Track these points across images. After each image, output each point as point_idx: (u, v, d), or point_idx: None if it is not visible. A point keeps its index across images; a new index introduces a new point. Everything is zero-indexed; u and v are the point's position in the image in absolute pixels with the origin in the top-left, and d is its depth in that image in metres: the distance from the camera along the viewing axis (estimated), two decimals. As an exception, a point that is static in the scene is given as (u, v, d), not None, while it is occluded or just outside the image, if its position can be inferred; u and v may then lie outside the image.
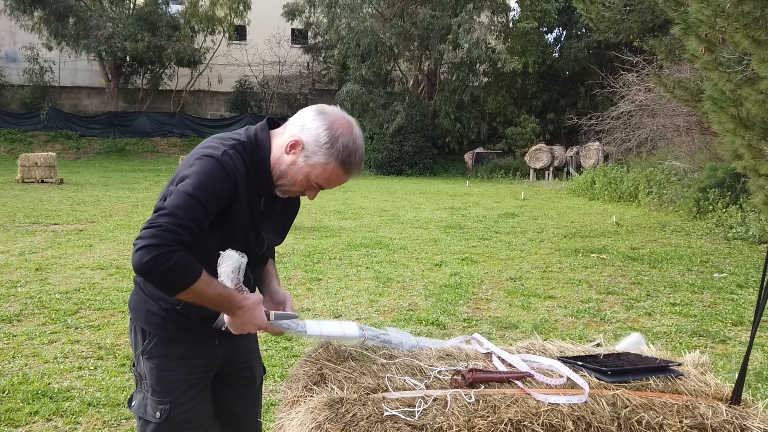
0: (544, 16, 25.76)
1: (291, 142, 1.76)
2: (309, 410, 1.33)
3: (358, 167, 1.78)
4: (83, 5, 29.18)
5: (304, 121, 1.77)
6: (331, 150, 1.72)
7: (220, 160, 1.72)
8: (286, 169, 1.78)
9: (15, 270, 6.98)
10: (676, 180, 14.02)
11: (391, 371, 1.53)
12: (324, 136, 1.72)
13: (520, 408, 1.33)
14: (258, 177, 1.80)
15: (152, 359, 1.89)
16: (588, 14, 14.41)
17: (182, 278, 1.63)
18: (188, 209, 1.64)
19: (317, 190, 1.81)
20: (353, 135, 1.75)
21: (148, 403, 1.90)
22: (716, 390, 1.49)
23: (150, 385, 1.90)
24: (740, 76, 7.31)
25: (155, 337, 1.89)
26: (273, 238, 1.97)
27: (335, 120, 1.75)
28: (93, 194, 15.27)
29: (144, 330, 1.92)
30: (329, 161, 1.73)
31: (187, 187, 1.67)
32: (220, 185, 1.70)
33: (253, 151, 1.81)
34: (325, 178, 1.76)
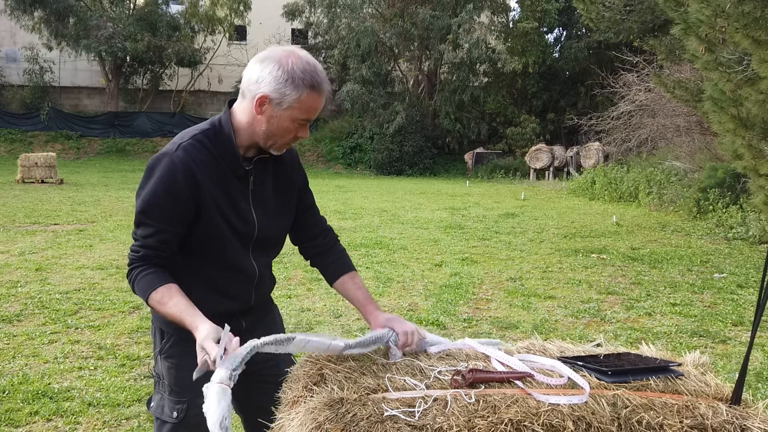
0: (544, 16, 25.77)
1: (257, 101, 1.73)
2: (309, 410, 1.33)
3: (326, 82, 1.75)
4: (83, 5, 29.19)
5: (255, 75, 1.74)
6: (294, 83, 1.69)
7: (172, 158, 1.74)
8: (268, 127, 1.76)
9: (15, 270, 6.98)
10: (677, 180, 14.02)
11: (391, 371, 1.53)
12: (281, 75, 1.69)
13: (521, 408, 1.32)
14: (227, 160, 1.78)
15: (170, 359, 1.90)
16: (588, 14, 14.41)
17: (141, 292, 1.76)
18: (144, 228, 1.77)
19: (305, 126, 1.78)
20: (301, 58, 1.73)
21: (165, 404, 1.90)
22: (716, 390, 1.49)
23: (168, 385, 1.90)
24: (740, 76, 7.31)
25: (173, 336, 1.90)
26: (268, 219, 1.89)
27: (280, 55, 1.72)
28: (93, 194, 15.27)
29: (162, 330, 1.93)
30: (300, 93, 1.70)
31: (142, 203, 1.76)
32: (174, 186, 1.72)
33: (217, 136, 1.80)
34: (305, 109, 1.73)
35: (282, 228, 1.97)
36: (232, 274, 1.86)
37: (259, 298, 1.98)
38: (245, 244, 1.86)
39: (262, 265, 1.94)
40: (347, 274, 2.00)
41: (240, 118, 1.80)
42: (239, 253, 1.85)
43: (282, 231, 1.98)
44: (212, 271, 1.85)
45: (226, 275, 1.85)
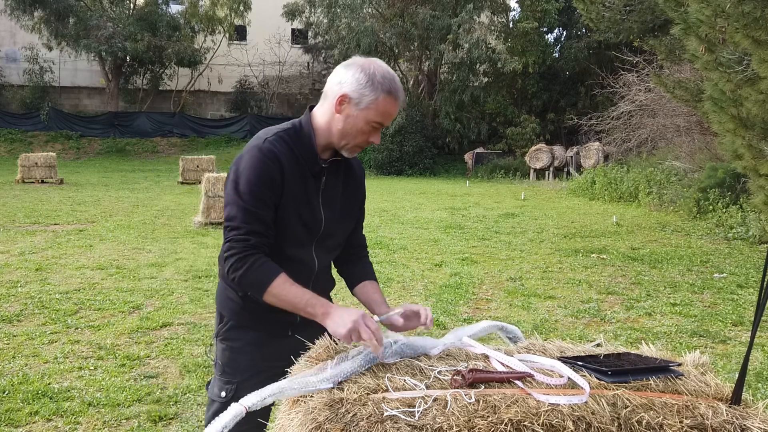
0: (544, 16, 25.76)
1: (337, 100, 1.86)
2: (309, 410, 1.33)
3: (402, 91, 1.88)
4: (83, 5, 29.19)
5: (338, 78, 1.87)
6: (374, 86, 1.82)
7: (261, 149, 1.86)
8: (344, 126, 1.88)
9: (15, 270, 6.98)
10: (677, 180, 14.02)
11: (391, 371, 1.53)
12: (362, 78, 1.82)
13: (521, 408, 1.32)
14: (305, 157, 1.91)
15: (225, 341, 2.01)
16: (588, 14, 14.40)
17: (257, 283, 1.79)
18: (246, 215, 1.82)
19: (379, 130, 1.90)
20: (383, 66, 1.86)
21: (216, 384, 2.01)
22: (716, 390, 1.49)
23: (221, 366, 2.00)
24: (740, 76, 7.31)
25: (230, 321, 2.00)
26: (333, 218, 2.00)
27: (363, 62, 1.87)
28: (93, 194, 15.27)
29: (221, 314, 2.04)
30: (378, 96, 1.82)
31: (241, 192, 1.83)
32: (267, 173, 1.84)
33: (297, 135, 1.93)
34: (381, 112, 1.85)
35: (345, 229, 2.09)
36: (294, 264, 1.94)
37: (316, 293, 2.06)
38: (310, 239, 1.97)
39: (323, 263, 2.05)
40: (367, 281, 2.11)
41: (319, 119, 1.93)
42: (303, 246, 1.97)
43: (344, 232, 2.10)
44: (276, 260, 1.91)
45: (287, 265, 1.92)
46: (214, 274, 6.99)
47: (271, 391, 1.42)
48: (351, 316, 1.66)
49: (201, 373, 4.09)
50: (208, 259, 7.79)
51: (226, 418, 1.41)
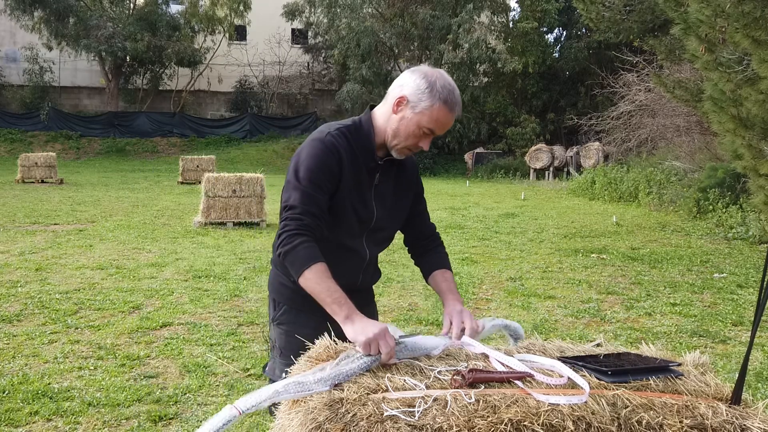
0: (544, 16, 25.77)
1: (396, 101, 1.94)
2: (309, 410, 1.33)
3: (459, 105, 1.94)
4: (83, 5, 29.20)
5: (402, 81, 1.96)
6: (432, 93, 1.89)
7: (324, 140, 1.97)
8: (398, 126, 1.96)
9: (15, 270, 6.98)
10: (676, 180, 14.02)
11: (391, 371, 1.53)
12: (423, 84, 1.90)
13: (520, 408, 1.32)
14: (363, 153, 2.01)
15: (281, 325, 2.12)
16: (588, 14, 14.40)
17: (298, 262, 1.83)
18: (303, 197, 1.90)
19: (429, 137, 1.97)
20: (446, 78, 1.93)
21: (276, 366, 2.09)
22: (716, 390, 1.49)
23: (279, 348, 2.10)
24: (740, 76, 7.31)
25: (284, 305, 2.12)
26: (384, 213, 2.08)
27: (428, 70, 1.94)
28: (93, 194, 15.27)
29: (275, 300, 2.15)
30: (434, 103, 1.89)
31: (300, 177, 1.93)
32: (327, 162, 1.94)
33: (357, 131, 2.03)
34: (434, 119, 1.92)
35: (395, 223, 2.17)
36: (347, 252, 2.06)
37: (365, 282, 2.20)
38: (362, 229, 2.06)
39: (373, 253, 2.15)
40: (439, 270, 2.18)
41: (378, 118, 2.03)
42: (355, 236, 2.07)
43: (394, 226, 2.19)
44: (329, 248, 1.98)
45: (340, 252, 2.03)
46: (214, 274, 6.99)
47: (268, 395, 1.42)
48: (374, 329, 1.65)
49: (201, 373, 4.10)
50: (208, 259, 7.79)
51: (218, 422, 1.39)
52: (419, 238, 2.27)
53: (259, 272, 7.09)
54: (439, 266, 2.19)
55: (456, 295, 2.07)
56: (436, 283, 2.16)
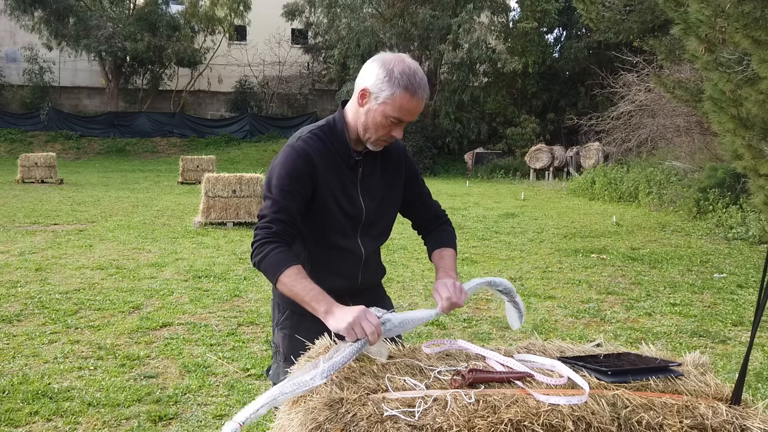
0: (544, 16, 25.77)
1: (360, 93, 1.93)
2: (309, 410, 1.33)
3: (422, 89, 1.89)
4: (83, 5, 29.20)
5: (364, 72, 1.93)
6: (391, 81, 1.86)
7: (294, 146, 1.98)
8: (366, 120, 1.94)
9: (15, 270, 6.98)
10: (676, 180, 14.02)
11: (391, 371, 1.53)
12: (381, 73, 1.87)
13: (520, 408, 1.32)
14: (339, 151, 1.99)
15: (284, 329, 2.12)
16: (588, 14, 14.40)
17: (270, 269, 1.85)
18: (273, 204, 1.92)
19: (400, 125, 1.94)
20: (406, 63, 1.88)
21: (280, 370, 2.09)
22: (716, 390, 1.49)
23: (282, 353, 2.10)
24: (740, 76, 7.30)
25: (287, 310, 2.11)
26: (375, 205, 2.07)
27: (386, 58, 1.91)
28: (93, 194, 15.27)
29: (279, 304, 2.15)
30: (394, 91, 1.86)
31: (271, 186, 1.95)
32: (297, 168, 1.94)
33: (331, 130, 2.02)
34: (398, 108, 1.88)
35: (388, 215, 2.14)
36: (341, 253, 2.05)
37: (366, 281, 2.15)
38: (354, 227, 2.05)
39: (369, 250, 2.12)
40: (438, 249, 2.16)
41: (349, 113, 2.01)
42: (348, 235, 2.05)
43: (387, 218, 2.15)
44: (323, 250, 2.03)
45: (335, 254, 2.04)
46: (214, 274, 6.99)
47: (265, 401, 1.42)
48: (352, 313, 1.66)
49: (201, 373, 4.10)
50: (208, 259, 7.79)
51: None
52: (424, 219, 2.25)
53: (259, 272, 7.08)
54: (439, 245, 2.18)
55: (446, 271, 2.04)
56: (434, 262, 2.14)
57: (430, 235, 2.23)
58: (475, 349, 1.71)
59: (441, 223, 2.26)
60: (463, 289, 1.90)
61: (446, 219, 2.28)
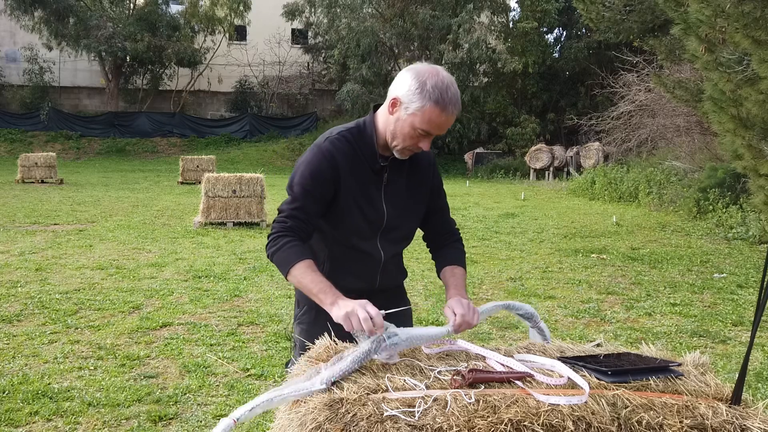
0: (544, 16, 25.77)
1: (391, 102, 1.94)
2: (309, 410, 1.33)
3: (453, 104, 1.88)
4: (83, 5, 29.20)
5: (398, 81, 1.94)
6: (422, 93, 1.86)
7: (320, 147, 2.00)
8: (394, 128, 1.95)
9: (15, 270, 6.98)
10: (676, 180, 14.02)
11: (391, 371, 1.53)
12: (414, 84, 1.87)
13: (520, 408, 1.32)
14: (366, 155, 2.01)
15: (302, 324, 2.16)
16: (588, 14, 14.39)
17: (283, 262, 1.90)
18: (292, 201, 1.98)
19: (427, 137, 1.94)
20: (440, 76, 1.88)
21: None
22: (716, 390, 1.49)
23: (300, 347, 2.09)
24: (740, 76, 7.30)
25: (305, 305, 2.14)
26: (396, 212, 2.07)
27: (421, 69, 1.90)
28: (93, 194, 15.27)
29: (298, 300, 2.19)
30: (424, 104, 1.86)
31: (294, 183, 2.00)
32: (320, 170, 1.97)
33: (360, 133, 2.03)
34: (426, 120, 1.88)
35: (410, 222, 2.15)
36: (360, 255, 2.07)
37: (384, 283, 2.16)
38: (374, 231, 2.06)
39: (389, 254, 2.13)
40: (449, 266, 2.14)
41: (379, 119, 2.02)
42: (367, 238, 2.07)
43: (410, 225, 2.16)
44: (343, 250, 2.06)
45: (354, 255, 2.06)
46: (214, 274, 6.99)
47: (261, 401, 1.42)
48: (352, 303, 1.70)
49: (201, 373, 4.09)
50: (208, 259, 7.79)
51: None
52: (438, 233, 2.25)
53: (259, 272, 7.09)
54: (450, 262, 2.16)
55: (459, 289, 2.03)
56: (445, 279, 2.13)
57: (441, 251, 2.22)
58: (475, 349, 1.71)
59: (454, 240, 2.24)
60: (476, 310, 1.90)
61: (459, 237, 2.27)
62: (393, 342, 1.61)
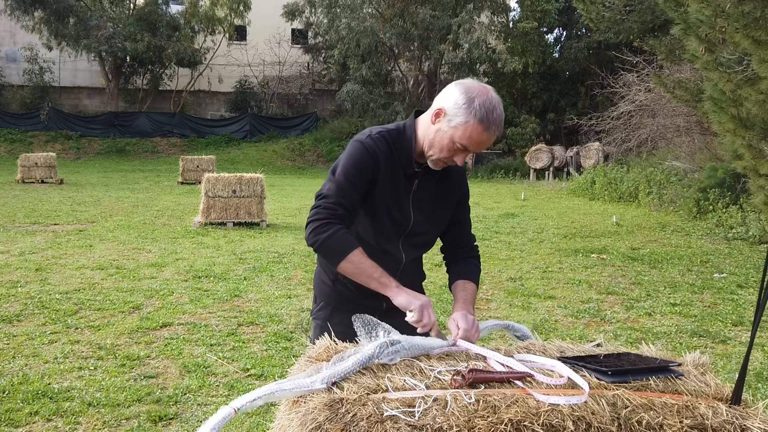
0: (544, 16, 25.77)
1: (435, 112, 1.96)
2: (309, 410, 1.33)
3: (497, 125, 1.91)
4: (83, 5, 29.19)
5: (446, 93, 1.97)
6: (469, 109, 1.89)
7: (363, 142, 2.02)
8: (433, 138, 1.97)
9: (15, 270, 6.98)
10: (677, 180, 14.02)
11: (391, 371, 1.53)
12: (461, 99, 1.91)
13: (520, 408, 1.32)
14: (402, 158, 2.03)
15: (317, 320, 2.20)
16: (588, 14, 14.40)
17: (338, 248, 1.91)
18: (338, 189, 1.97)
19: (464, 153, 1.97)
20: (489, 96, 1.92)
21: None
22: (716, 390, 1.49)
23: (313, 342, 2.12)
24: (740, 76, 7.31)
25: (322, 301, 2.20)
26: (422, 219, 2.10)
27: (471, 85, 1.94)
28: (93, 194, 15.27)
29: (315, 296, 2.24)
30: (468, 120, 1.89)
31: (336, 172, 2.00)
32: (363, 163, 1.98)
33: (399, 136, 2.05)
34: (467, 137, 1.91)
35: (433, 230, 2.17)
36: (381, 254, 2.06)
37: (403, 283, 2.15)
38: (398, 234, 2.09)
39: (409, 257, 2.16)
40: (461, 280, 2.16)
41: (420, 126, 2.05)
42: (390, 240, 2.10)
43: (433, 232, 2.18)
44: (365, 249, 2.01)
45: (375, 254, 2.03)
46: (214, 274, 6.99)
47: (262, 393, 1.42)
48: (424, 298, 1.86)
49: (201, 373, 4.10)
50: (208, 260, 7.79)
51: (216, 420, 1.41)
52: (456, 246, 2.25)
53: (259, 272, 7.08)
54: (463, 276, 2.17)
55: (466, 305, 2.04)
56: (455, 292, 2.15)
57: (457, 264, 2.23)
58: (475, 349, 1.71)
59: (471, 255, 2.25)
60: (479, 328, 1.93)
61: (477, 254, 2.27)
62: (395, 349, 1.62)
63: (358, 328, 1.71)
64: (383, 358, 1.58)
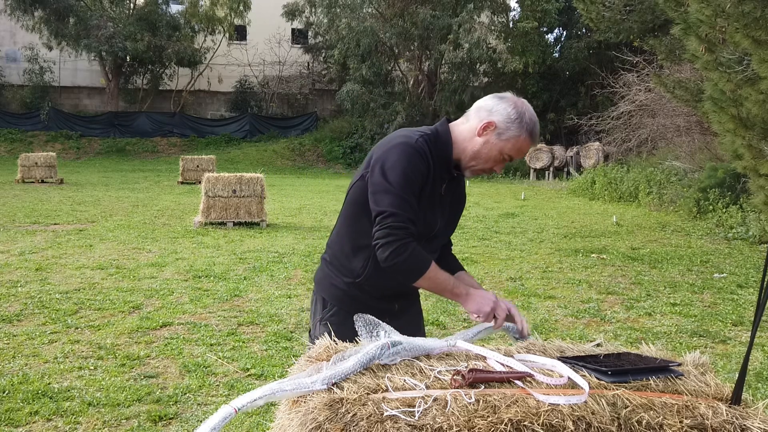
0: (544, 16, 25.77)
1: (483, 125, 2.02)
2: (309, 410, 1.33)
3: (538, 137, 2.08)
4: (83, 5, 29.19)
5: (490, 106, 2.04)
6: (521, 124, 2.00)
7: (414, 145, 2.01)
8: (480, 149, 2.04)
9: (15, 270, 6.98)
10: (677, 180, 14.02)
11: (391, 371, 1.53)
12: (513, 114, 2.00)
13: (520, 408, 1.32)
14: (440, 164, 2.06)
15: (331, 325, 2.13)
16: (588, 14, 14.41)
17: (416, 268, 1.96)
18: (402, 203, 1.94)
19: (505, 162, 2.09)
20: (531, 109, 2.05)
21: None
22: (716, 390, 1.49)
23: None
24: (740, 76, 7.31)
25: (335, 306, 2.16)
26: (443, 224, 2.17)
27: (516, 101, 2.04)
28: (93, 194, 15.27)
29: (325, 300, 2.19)
30: (521, 134, 2.01)
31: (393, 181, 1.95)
32: (419, 169, 1.98)
33: (436, 140, 2.07)
34: (517, 148, 2.03)
35: (447, 233, 2.26)
36: None
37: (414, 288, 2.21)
38: (423, 237, 2.09)
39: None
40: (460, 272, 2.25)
41: (458, 135, 2.08)
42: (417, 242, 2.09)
43: (447, 236, 2.27)
44: None
45: None
46: (214, 274, 6.99)
47: (263, 392, 1.42)
48: (491, 297, 1.96)
49: (201, 373, 4.10)
50: (208, 259, 7.79)
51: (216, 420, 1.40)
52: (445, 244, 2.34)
53: (259, 272, 7.08)
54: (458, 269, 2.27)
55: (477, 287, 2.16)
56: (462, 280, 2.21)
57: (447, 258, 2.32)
58: (475, 349, 1.70)
59: (450, 249, 2.36)
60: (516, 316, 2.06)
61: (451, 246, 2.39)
62: (396, 350, 1.62)
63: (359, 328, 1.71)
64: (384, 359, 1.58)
